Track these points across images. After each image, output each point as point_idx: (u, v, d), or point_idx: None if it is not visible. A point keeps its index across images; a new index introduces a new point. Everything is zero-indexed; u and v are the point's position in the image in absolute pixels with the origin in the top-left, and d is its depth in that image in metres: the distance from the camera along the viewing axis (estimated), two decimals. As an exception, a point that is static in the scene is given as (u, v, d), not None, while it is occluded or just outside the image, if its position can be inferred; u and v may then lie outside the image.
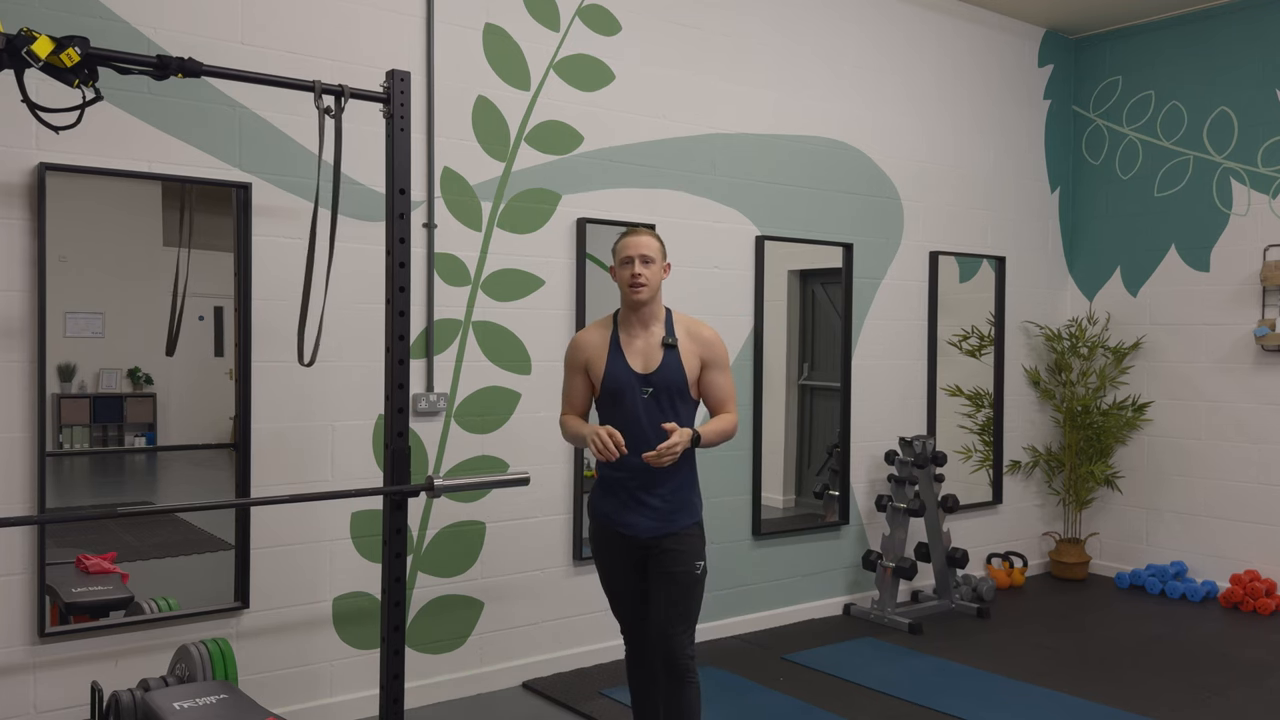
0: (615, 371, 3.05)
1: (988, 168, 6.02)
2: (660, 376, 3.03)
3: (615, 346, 3.08)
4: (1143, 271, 6.17)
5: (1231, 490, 5.76)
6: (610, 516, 3.10)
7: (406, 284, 3.10)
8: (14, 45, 2.43)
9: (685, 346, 3.07)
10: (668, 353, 3.04)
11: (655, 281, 3.04)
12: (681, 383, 3.04)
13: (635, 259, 3.02)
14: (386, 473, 3.11)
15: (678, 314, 3.15)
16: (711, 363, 3.09)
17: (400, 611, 3.12)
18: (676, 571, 3.04)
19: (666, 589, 3.04)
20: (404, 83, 3.07)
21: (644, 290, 3.02)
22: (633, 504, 3.06)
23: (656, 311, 3.09)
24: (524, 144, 4.24)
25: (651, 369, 3.04)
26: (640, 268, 3.01)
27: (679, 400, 3.05)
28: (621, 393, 3.04)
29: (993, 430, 6.05)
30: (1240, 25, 5.75)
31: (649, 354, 3.06)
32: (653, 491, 3.04)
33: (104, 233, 3.34)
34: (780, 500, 5.24)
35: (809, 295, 5.31)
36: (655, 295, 3.06)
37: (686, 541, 3.07)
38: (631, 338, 3.09)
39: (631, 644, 3.23)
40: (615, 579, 3.17)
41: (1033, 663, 4.60)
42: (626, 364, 3.05)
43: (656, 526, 3.06)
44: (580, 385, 3.17)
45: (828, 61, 5.24)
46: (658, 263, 3.05)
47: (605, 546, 3.15)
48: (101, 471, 3.45)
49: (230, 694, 2.78)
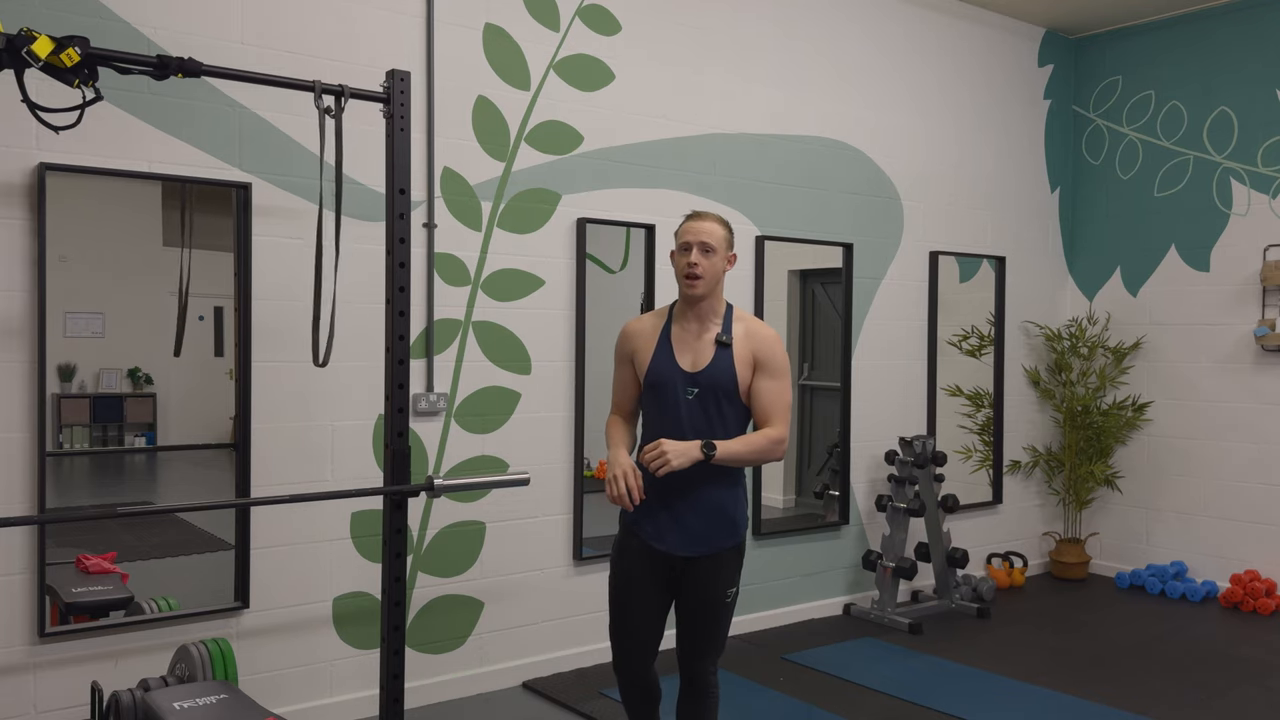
0: (660, 366, 2.80)
1: (988, 168, 6.02)
2: (707, 376, 2.76)
3: (665, 339, 2.83)
4: (1143, 271, 6.17)
5: (1231, 490, 5.76)
6: (641, 525, 2.84)
7: (406, 284, 3.10)
8: (14, 45, 2.43)
9: (740, 346, 2.78)
10: (720, 351, 2.77)
11: (714, 274, 2.76)
12: (730, 385, 2.76)
13: (695, 246, 2.75)
14: (386, 473, 3.11)
15: (739, 311, 2.87)
16: (764, 365, 2.77)
17: (400, 611, 3.12)
18: (708, 599, 2.82)
19: (698, 616, 2.85)
20: (404, 83, 3.07)
21: (699, 284, 2.75)
22: (666, 517, 2.80)
23: (715, 306, 2.82)
24: (524, 144, 4.24)
25: (700, 367, 2.78)
26: (698, 256, 2.74)
27: (726, 404, 2.77)
28: (665, 390, 2.79)
29: (993, 430, 6.05)
30: (1240, 25, 5.75)
31: (700, 351, 2.79)
32: (691, 505, 2.77)
33: (104, 233, 3.34)
34: (780, 500, 5.24)
35: (809, 295, 5.31)
36: (715, 289, 2.79)
37: (722, 567, 2.82)
38: (684, 332, 2.82)
39: (624, 672, 2.94)
40: (631, 593, 2.88)
41: (1033, 663, 4.60)
42: (674, 359, 2.80)
43: (691, 545, 2.80)
44: (628, 379, 2.92)
45: (828, 61, 5.24)
46: (720, 253, 2.77)
47: (628, 556, 2.88)
48: (101, 471, 3.45)
49: (230, 694, 2.78)
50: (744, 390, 2.78)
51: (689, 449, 2.65)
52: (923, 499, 5.26)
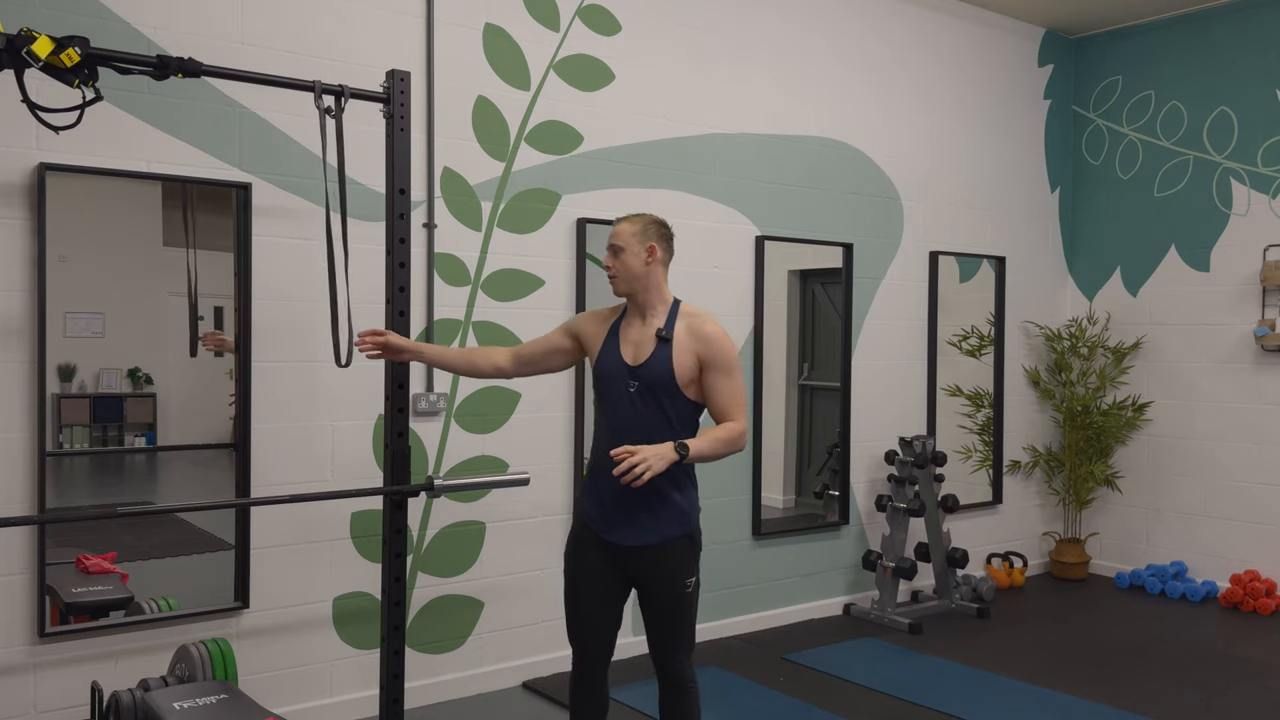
0: (606, 359, 2.89)
1: (988, 168, 6.01)
2: (647, 369, 2.81)
3: (614, 333, 2.92)
4: (1143, 271, 6.17)
5: (1231, 490, 5.76)
6: (593, 518, 2.89)
7: (406, 284, 3.11)
8: (14, 45, 2.43)
9: (681, 341, 2.83)
10: (660, 345, 2.82)
11: (628, 271, 2.86)
12: (668, 379, 2.80)
13: (608, 251, 2.90)
14: (386, 473, 3.11)
15: (687, 307, 2.91)
16: (709, 363, 2.81)
17: (400, 611, 3.13)
18: (666, 592, 2.85)
19: (659, 609, 2.87)
20: (404, 83, 3.08)
21: (616, 283, 2.89)
22: (615, 506, 2.84)
23: (651, 300, 2.89)
24: (524, 144, 4.24)
25: (640, 361, 2.83)
26: (609, 259, 2.88)
27: (665, 397, 2.80)
28: (609, 383, 2.86)
29: (993, 430, 6.05)
30: (1240, 25, 5.75)
31: (641, 345, 2.85)
32: (640, 497, 2.79)
33: (104, 233, 3.34)
34: (780, 500, 5.24)
35: (809, 295, 5.31)
36: (641, 284, 2.87)
37: (674, 557, 2.84)
38: (629, 327, 2.91)
39: (579, 664, 2.97)
40: (581, 584, 2.92)
41: (1033, 663, 4.59)
42: (619, 353, 2.87)
43: (641, 536, 2.83)
44: (554, 338, 3.04)
45: (828, 61, 5.24)
46: (631, 250, 2.85)
47: (582, 547, 2.92)
48: (101, 471, 3.45)
49: (230, 694, 2.78)
50: (684, 383, 2.83)
51: (665, 452, 2.66)
52: (923, 499, 5.26)
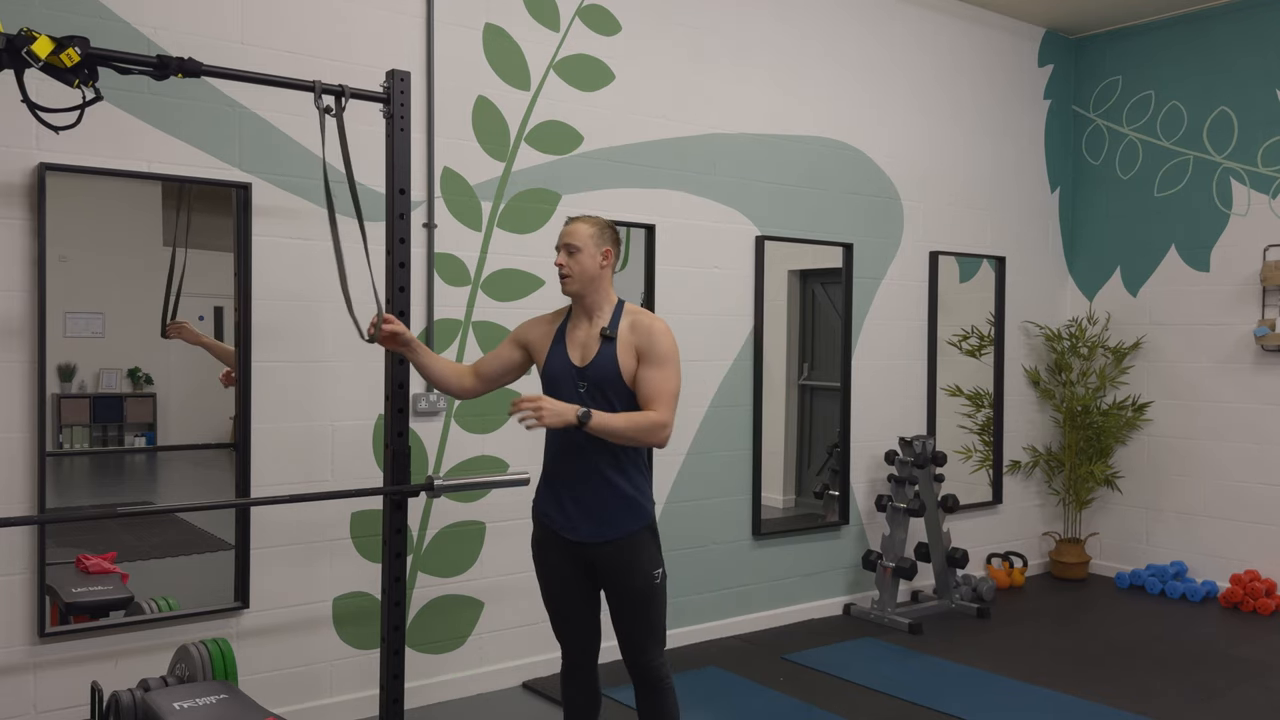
0: (554, 361, 2.93)
1: (988, 168, 6.02)
2: (594, 369, 2.85)
3: (560, 336, 2.95)
4: (1143, 271, 6.17)
5: (1231, 490, 5.76)
6: (550, 517, 2.92)
7: (406, 284, 3.11)
8: (14, 45, 2.43)
9: (624, 338, 2.87)
10: (604, 345, 2.87)
11: (582, 272, 2.88)
12: (614, 377, 2.84)
13: (562, 249, 2.90)
14: (386, 473, 3.11)
15: (630, 306, 2.97)
16: (645, 354, 2.85)
17: (400, 611, 3.13)
18: (632, 585, 2.86)
19: (626, 605, 2.88)
20: (404, 83, 3.08)
21: (569, 282, 2.89)
22: (569, 502, 2.88)
23: (599, 302, 2.92)
24: (524, 144, 4.24)
25: (587, 361, 2.87)
26: (564, 258, 2.89)
27: (614, 396, 2.84)
28: (559, 384, 2.90)
29: (993, 430, 6.05)
30: (1240, 25, 5.75)
31: (588, 345, 2.89)
32: (594, 492, 2.85)
33: (104, 232, 3.35)
34: (780, 500, 5.24)
35: (809, 295, 5.31)
36: (592, 286, 2.90)
37: (639, 549, 2.86)
38: (575, 329, 2.94)
39: (566, 657, 3.03)
40: (552, 583, 2.96)
41: (1033, 663, 4.60)
42: (566, 355, 2.91)
43: (600, 532, 2.85)
44: (504, 352, 3.03)
45: (828, 61, 5.24)
46: (587, 251, 2.88)
47: (545, 548, 2.96)
48: (101, 471, 3.45)
49: (230, 694, 2.78)
50: (629, 380, 2.86)
51: (564, 410, 2.71)
52: (923, 499, 5.26)
